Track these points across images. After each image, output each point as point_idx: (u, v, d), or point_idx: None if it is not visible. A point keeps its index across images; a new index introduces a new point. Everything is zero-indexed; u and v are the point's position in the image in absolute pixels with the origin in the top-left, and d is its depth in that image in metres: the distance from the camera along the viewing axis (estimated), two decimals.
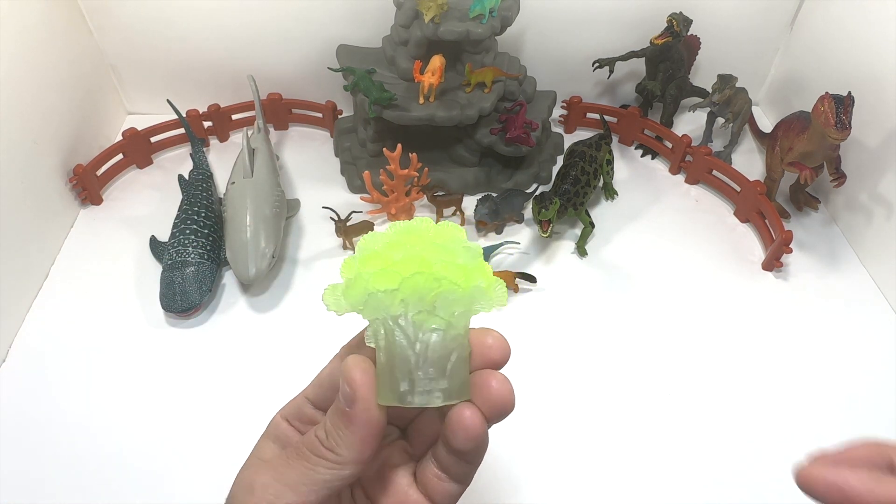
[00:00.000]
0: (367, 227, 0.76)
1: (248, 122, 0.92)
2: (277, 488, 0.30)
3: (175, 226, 0.74)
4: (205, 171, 0.83)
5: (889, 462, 0.27)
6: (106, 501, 0.55)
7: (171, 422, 0.61)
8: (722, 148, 0.92)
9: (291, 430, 0.34)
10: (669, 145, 0.90)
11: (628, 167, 0.92)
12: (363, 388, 0.29)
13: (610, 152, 0.85)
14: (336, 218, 0.73)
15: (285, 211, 0.77)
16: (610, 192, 0.86)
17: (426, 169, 0.78)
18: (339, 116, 0.92)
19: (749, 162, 0.92)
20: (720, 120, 0.89)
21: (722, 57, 0.93)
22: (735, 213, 0.85)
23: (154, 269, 0.73)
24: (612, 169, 0.86)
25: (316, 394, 0.34)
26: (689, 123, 0.97)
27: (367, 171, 0.77)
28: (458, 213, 0.81)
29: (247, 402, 0.61)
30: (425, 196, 0.79)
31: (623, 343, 0.69)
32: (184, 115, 0.87)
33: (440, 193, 0.79)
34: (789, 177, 0.82)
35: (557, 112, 0.95)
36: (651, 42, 0.86)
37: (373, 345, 0.31)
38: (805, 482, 0.27)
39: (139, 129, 0.85)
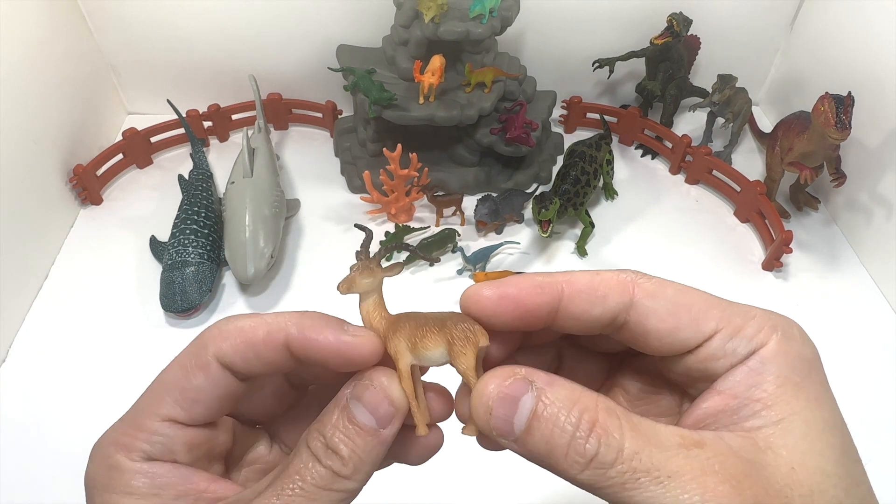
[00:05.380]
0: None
1: (247, 122, 0.92)
2: None
3: (175, 226, 0.74)
4: (205, 171, 0.83)
5: None
6: None
7: None
8: (722, 148, 0.92)
9: (169, 470, 0.26)
10: (669, 145, 0.90)
11: (628, 167, 0.92)
12: (404, 410, 0.26)
13: (610, 152, 0.85)
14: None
15: (284, 211, 0.77)
16: (610, 192, 0.86)
17: (426, 169, 0.78)
18: (339, 116, 0.92)
19: (749, 162, 0.92)
20: (720, 120, 0.89)
21: (722, 57, 0.93)
22: (735, 213, 0.85)
23: (154, 269, 0.73)
24: (612, 169, 0.86)
25: (192, 411, 0.26)
26: (689, 123, 0.97)
27: (367, 171, 0.77)
28: (458, 213, 0.81)
29: None
30: (425, 196, 0.79)
31: None
32: (184, 115, 0.87)
33: (440, 193, 0.79)
34: (789, 177, 0.82)
35: (557, 112, 0.95)
36: (651, 42, 0.86)
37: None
38: (475, 303, 0.26)
39: (139, 129, 0.85)
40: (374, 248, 0.29)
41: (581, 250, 0.78)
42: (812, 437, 0.22)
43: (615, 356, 0.31)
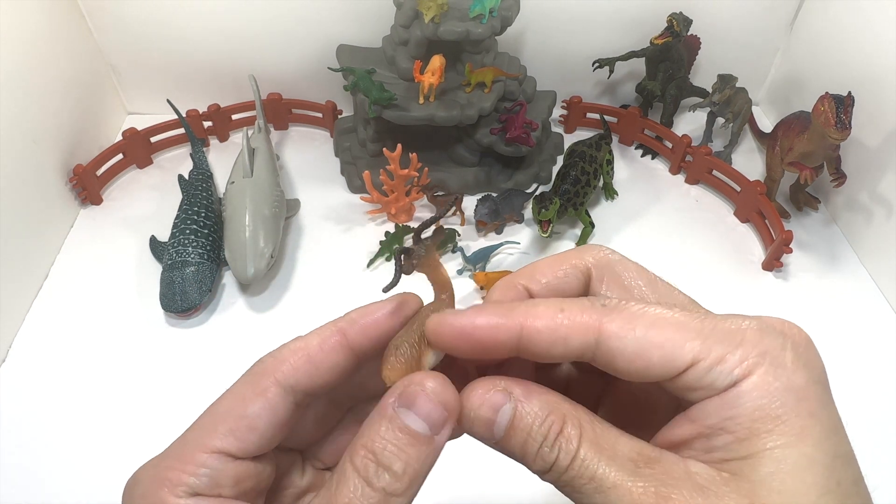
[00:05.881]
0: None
1: (247, 122, 0.92)
2: None
3: (175, 226, 0.74)
4: (205, 171, 0.83)
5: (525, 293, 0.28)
6: (106, 501, 0.55)
7: (172, 422, 0.60)
8: (722, 148, 0.92)
9: None
10: (669, 145, 0.90)
11: (628, 167, 0.92)
12: (457, 412, 0.25)
13: (610, 152, 0.85)
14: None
15: (284, 211, 0.77)
16: (610, 192, 0.86)
17: (426, 169, 0.78)
18: (339, 116, 0.92)
19: (749, 162, 0.92)
20: (720, 120, 0.89)
21: (722, 57, 0.93)
22: (735, 213, 0.85)
23: (154, 269, 0.73)
24: (612, 169, 0.86)
25: (246, 441, 0.25)
26: (689, 123, 0.97)
27: (367, 171, 0.77)
28: (458, 213, 0.81)
29: None
30: (425, 196, 0.79)
31: None
32: (184, 115, 0.87)
33: (440, 193, 0.79)
34: (789, 177, 0.82)
35: (557, 112, 0.95)
36: (651, 42, 0.86)
37: None
38: (433, 334, 0.26)
39: (139, 129, 0.85)
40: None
41: None
42: (783, 474, 0.21)
43: None
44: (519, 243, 0.78)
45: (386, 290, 0.29)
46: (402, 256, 0.28)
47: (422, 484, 0.24)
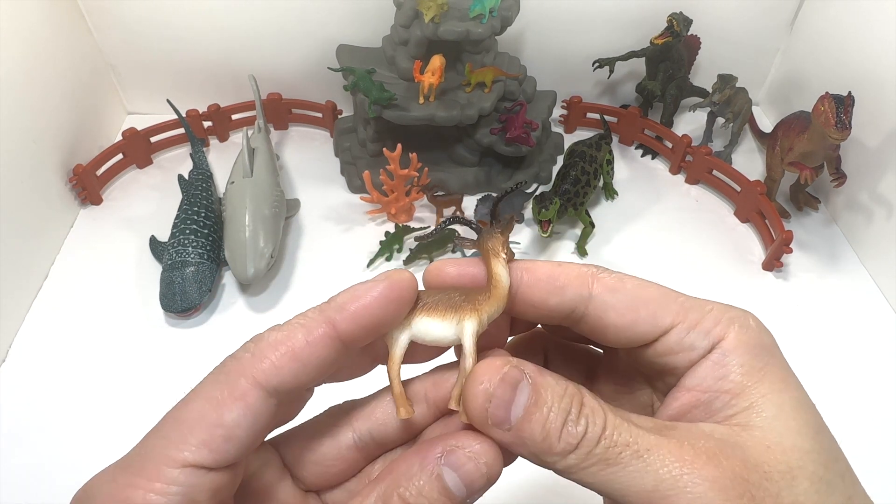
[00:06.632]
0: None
1: (247, 122, 0.92)
2: None
3: (175, 226, 0.74)
4: (205, 171, 0.83)
5: None
6: None
7: None
8: (722, 148, 0.92)
9: None
10: (669, 145, 0.90)
11: (628, 167, 0.92)
12: (497, 477, 0.24)
13: (610, 152, 0.85)
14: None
15: (284, 211, 0.77)
16: (610, 192, 0.86)
17: (426, 169, 0.78)
18: (339, 116, 0.92)
19: (749, 162, 0.92)
20: (720, 120, 0.89)
21: (722, 57, 0.93)
22: (735, 213, 0.85)
23: (154, 269, 0.73)
24: (613, 169, 0.86)
25: (223, 452, 0.22)
26: (690, 123, 0.97)
27: (367, 171, 0.77)
28: (458, 213, 0.81)
29: None
30: (425, 196, 0.79)
31: None
32: (183, 115, 0.87)
33: (440, 193, 0.79)
34: (789, 177, 0.82)
35: (557, 112, 0.95)
36: (651, 42, 0.86)
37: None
38: (433, 276, 0.28)
39: (139, 128, 0.85)
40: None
41: (581, 250, 0.78)
42: (784, 416, 0.23)
43: (593, 360, 0.32)
44: (519, 243, 0.78)
45: (425, 238, 0.32)
46: (462, 236, 0.29)
47: None
